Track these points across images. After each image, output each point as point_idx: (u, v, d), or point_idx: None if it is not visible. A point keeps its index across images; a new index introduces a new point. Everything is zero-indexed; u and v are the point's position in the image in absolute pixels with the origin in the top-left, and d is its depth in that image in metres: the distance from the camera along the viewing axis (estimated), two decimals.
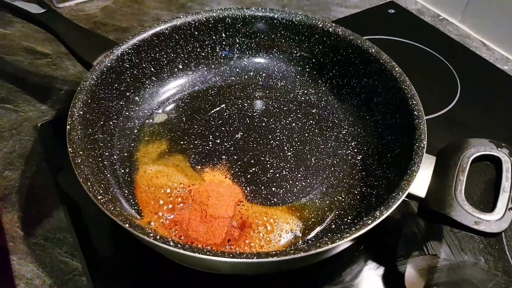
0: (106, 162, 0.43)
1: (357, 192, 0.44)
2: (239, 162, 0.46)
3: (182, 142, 0.48)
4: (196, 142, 0.48)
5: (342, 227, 0.41)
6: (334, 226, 0.42)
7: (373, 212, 0.34)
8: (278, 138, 0.49)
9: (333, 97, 0.54)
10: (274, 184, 0.44)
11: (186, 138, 0.49)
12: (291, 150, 0.48)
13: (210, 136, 0.49)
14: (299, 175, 0.45)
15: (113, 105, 0.47)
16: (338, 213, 0.43)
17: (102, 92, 0.45)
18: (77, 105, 0.40)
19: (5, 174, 0.47)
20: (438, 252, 0.42)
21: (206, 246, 0.39)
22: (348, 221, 0.42)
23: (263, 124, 0.50)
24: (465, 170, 0.36)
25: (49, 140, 0.51)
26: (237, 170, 0.45)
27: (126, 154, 0.46)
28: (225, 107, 0.52)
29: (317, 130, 0.50)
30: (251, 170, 0.45)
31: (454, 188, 0.35)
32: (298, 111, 0.52)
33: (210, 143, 0.48)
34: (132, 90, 0.50)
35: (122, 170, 0.45)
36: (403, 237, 0.43)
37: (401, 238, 0.43)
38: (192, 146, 0.48)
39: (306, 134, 0.50)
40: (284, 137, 0.49)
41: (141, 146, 0.47)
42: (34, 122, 0.53)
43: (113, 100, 0.47)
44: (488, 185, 0.47)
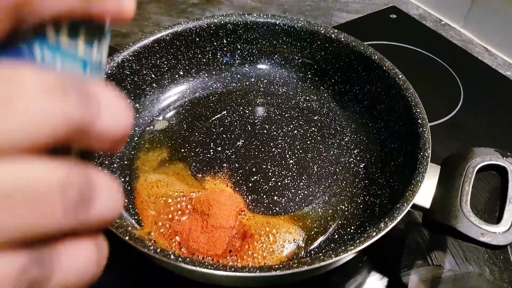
0: (106, 171, 0.43)
1: (360, 201, 0.44)
2: (241, 170, 0.46)
3: (182, 150, 0.47)
4: (197, 150, 0.48)
5: (345, 237, 0.41)
6: (337, 236, 0.41)
7: (377, 223, 0.33)
8: (279, 146, 0.48)
9: (335, 104, 0.53)
10: (276, 192, 0.44)
11: (187, 145, 0.48)
12: (293, 158, 0.47)
13: (211, 143, 0.48)
14: (301, 184, 0.45)
15: None
16: (341, 222, 0.42)
17: None
18: None
19: None
20: (442, 262, 0.41)
21: (207, 257, 0.38)
22: (351, 231, 0.41)
23: (265, 131, 0.50)
24: (470, 180, 0.36)
25: None
26: (238, 178, 0.45)
27: (126, 162, 0.46)
28: (226, 114, 0.52)
29: (319, 138, 0.49)
30: (253, 179, 0.45)
31: (460, 198, 0.34)
32: (300, 118, 0.52)
33: (211, 151, 0.47)
34: (132, 97, 0.49)
35: (122, 179, 0.44)
36: (407, 247, 0.42)
37: (405, 248, 0.42)
38: (193, 153, 0.47)
39: (308, 142, 0.49)
40: (286, 144, 0.49)
41: (141, 154, 0.47)
42: None
43: None
44: (492, 193, 0.46)
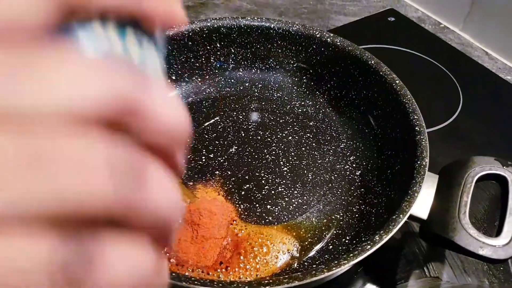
0: None
1: (355, 210, 0.42)
2: (233, 178, 0.44)
3: None
4: (188, 157, 0.46)
5: (340, 248, 0.39)
6: (331, 246, 0.40)
7: (372, 233, 0.32)
8: (274, 152, 0.47)
9: (331, 109, 0.52)
10: (269, 201, 0.43)
11: None
12: (287, 165, 0.46)
13: (203, 150, 0.47)
14: (295, 192, 0.43)
15: None
16: (336, 232, 0.41)
17: None
18: None
19: None
20: (440, 274, 0.40)
21: (197, 269, 0.37)
22: (346, 241, 0.40)
23: (259, 137, 0.49)
24: (469, 190, 0.34)
25: None
26: (230, 186, 0.44)
27: None
28: (219, 120, 0.50)
29: (314, 144, 0.48)
30: (245, 187, 0.44)
31: (458, 210, 0.33)
32: (294, 124, 0.50)
33: (203, 158, 0.46)
34: None
35: None
36: (404, 258, 0.41)
37: (401, 259, 0.41)
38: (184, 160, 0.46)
39: (303, 148, 0.48)
40: (280, 151, 0.47)
41: None
42: None
43: None
44: (492, 202, 0.45)
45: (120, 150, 0.10)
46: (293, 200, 0.43)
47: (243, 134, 0.49)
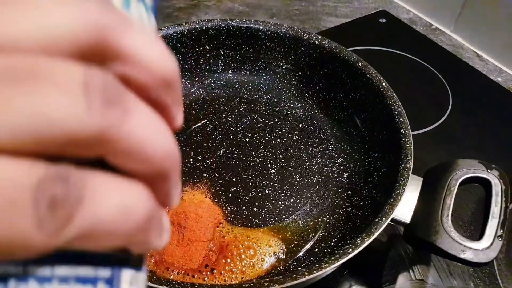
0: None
1: (342, 212, 0.42)
2: (221, 181, 0.44)
3: None
4: None
5: (325, 251, 0.39)
6: (317, 249, 0.40)
7: (355, 238, 0.32)
8: (262, 155, 0.47)
9: (319, 111, 0.52)
10: (256, 204, 0.43)
11: None
12: (275, 167, 0.46)
13: (191, 152, 0.47)
14: (283, 194, 0.44)
15: None
16: (322, 234, 0.41)
17: None
18: None
19: None
20: (425, 276, 0.40)
21: (182, 272, 0.37)
22: (332, 244, 0.40)
23: (247, 139, 0.49)
24: (452, 193, 0.34)
25: None
26: (218, 189, 0.44)
27: None
28: (208, 122, 0.50)
29: (302, 146, 0.48)
30: (233, 189, 0.44)
31: (441, 213, 0.33)
32: (283, 126, 0.50)
33: (191, 160, 0.46)
34: None
35: None
36: (389, 260, 0.41)
37: (387, 261, 0.41)
38: None
39: (291, 151, 0.48)
40: (268, 153, 0.47)
41: None
42: None
43: None
44: (478, 204, 0.45)
45: (97, 75, 0.10)
46: (280, 202, 0.43)
47: (232, 137, 0.49)
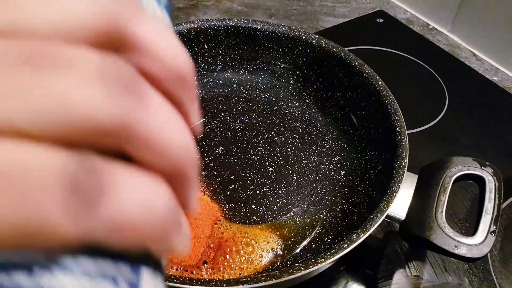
0: None
1: (339, 209, 0.43)
2: (219, 178, 0.45)
3: None
4: None
5: (322, 247, 0.40)
6: (314, 245, 0.40)
7: (351, 234, 0.32)
8: (260, 153, 0.48)
9: (317, 110, 0.52)
10: (254, 201, 0.43)
11: None
12: (273, 165, 0.46)
13: None
14: (280, 192, 0.44)
15: None
16: (319, 231, 0.41)
17: None
18: None
19: None
20: (421, 273, 0.40)
21: (180, 268, 0.38)
22: (328, 240, 0.40)
23: (245, 138, 0.49)
24: (446, 190, 0.35)
25: None
26: (216, 186, 0.44)
27: None
28: (206, 121, 0.51)
29: (300, 145, 0.49)
30: (231, 187, 0.44)
31: (435, 209, 0.34)
32: (281, 125, 0.51)
33: None
34: None
35: None
36: (385, 256, 0.41)
37: (383, 258, 0.41)
38: None
39: (289, 149, 0.48)
40: (266, 151, 0.48)
41: None
42: None
43: None
44: (474, 202, 0.46)
45: (114, 62, 0.10)
46: (277, 200, 0.43)
47: (230, 135, 0.49)
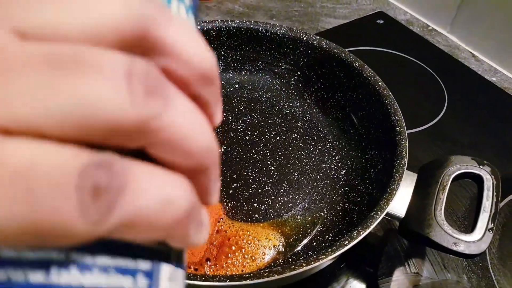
0: None
1: (339, 208, 0.44)
2: (221, 177, 0.46)
3: None
4: None
5: (323, 245, 0.41)
6: (315, 243, 0.41)
7: (351, 231, 0.33)
8: (261, 152, 0.48)
9: (318, 110, 0.53)
10: (256, 200, 0.44)
11: None
12: (274, 164, 0.47)
13: None
14: (282, 191, 0.45)
15: None
16: (320, 229, 0.42)
17: None
18: None
19: None
20: (420, 270, 0.41)
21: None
22: (329, 238, 0.41)
23: (247, 138, 0.50)
24: (445, 188, 0.36)
25: None
26: None
27: None
28: None
29: (301, 144, 0.50)
30: (233, 186, 0.45)
31: (434, 207, 0.34)
32: (282, 125, 0.52)
33: None
34: None
35: None
36: (385, 254, 0.42)
37: (383, 255, 0.42)
38: None
39: (290, 148, 0.49)
40: (267, 151, 0.49)
41: None
42: None
43: None
44: (473, 200, 0.46)
45: (140, 64, 0.10)
46: (279, 198, 0.44)
47: (232, 135, 0.50)
